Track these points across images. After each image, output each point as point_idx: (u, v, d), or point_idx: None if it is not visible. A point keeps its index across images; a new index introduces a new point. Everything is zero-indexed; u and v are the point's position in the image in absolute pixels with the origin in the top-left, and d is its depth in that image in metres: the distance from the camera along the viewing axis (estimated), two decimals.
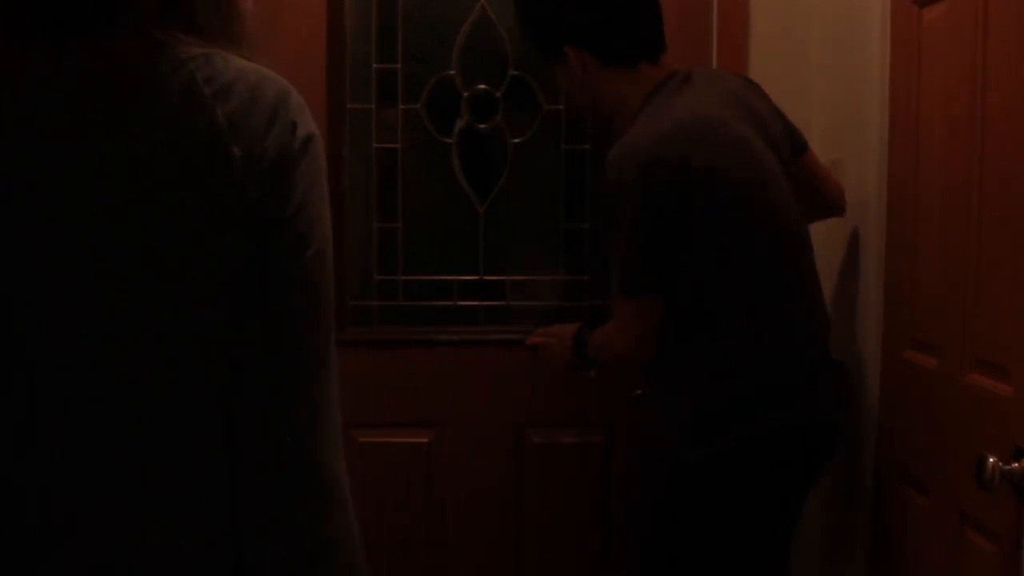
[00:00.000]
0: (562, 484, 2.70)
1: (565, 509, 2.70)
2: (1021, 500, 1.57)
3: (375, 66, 2.67)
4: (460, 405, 2.68)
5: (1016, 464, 1.57)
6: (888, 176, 2.17)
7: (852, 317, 2.34)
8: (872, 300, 2.24)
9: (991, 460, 1.57)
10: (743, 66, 2.52)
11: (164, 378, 0.92)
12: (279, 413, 0.93)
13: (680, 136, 1.97)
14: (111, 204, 0.90)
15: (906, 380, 2.07)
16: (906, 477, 2.05)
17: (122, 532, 0.92)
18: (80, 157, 0.90)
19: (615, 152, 2.00)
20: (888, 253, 2.18)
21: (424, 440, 2.69)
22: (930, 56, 1.95)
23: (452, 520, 2.70)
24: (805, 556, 2.27)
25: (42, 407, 0.91)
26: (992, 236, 1.70)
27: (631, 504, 2.67)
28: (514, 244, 2.76)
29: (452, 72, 2.67)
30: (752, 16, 2.57)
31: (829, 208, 2.29)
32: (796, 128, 2.22)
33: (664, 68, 2.10)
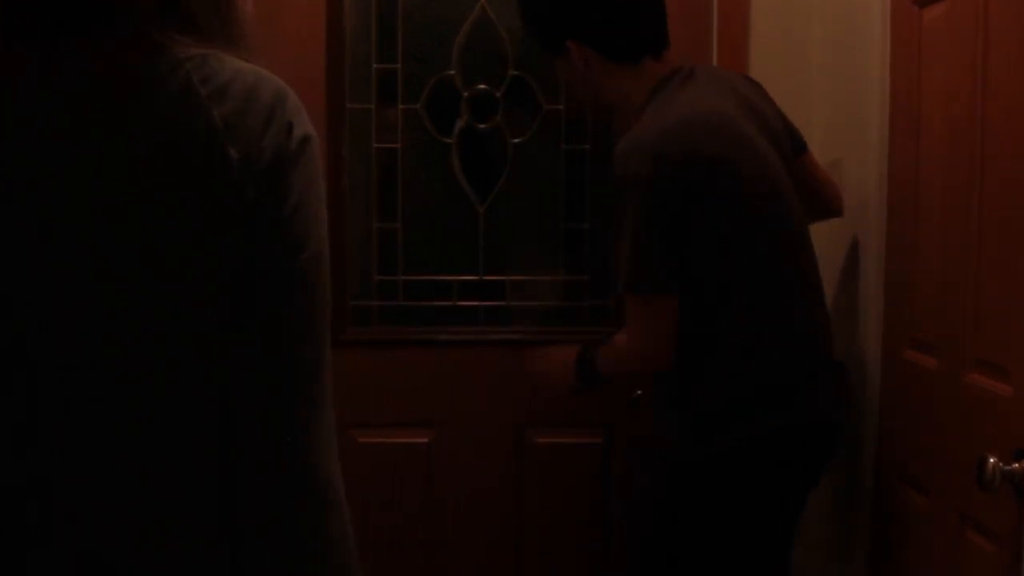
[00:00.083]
0: (562, 484, 2.70)
1: (565, 509, 2.70)
2: (1021, 500, 1.57)
3: (375, 66, 2.66)
4: (460, 405, 2.68)
5: (1016, 464, 1.57)
6: (888, 176, 2.17)
7: (852, 317, 2.34)
8: (872, 300, 2.24)
9: (991, 460, 1.57)
10: (743, 66, 2.52)
11: (164, 378, 0.92)
12: (279, 413, 0.93)
13: (686, 130, 1.96)
14: (111, 204, 0.90)
15: (906, 380, 2.07)
16: (906, 477, 2.05)
17: (122, 531, 0.92)
18: (80, 157, 0.90)
19: (621, 147, 1.99)
20: (888, 253, 2.18)
21: (424, 440, 2.69)
22: (930, 56, 1.95)
23: (452, 520, 2.70)
24: (805, 556, 2.27)
25: (42, 407, 0.91)
26: (992, 236, 1.70)
27: (631, 504, 2.67)
28: (514, 244, 2.76)
29: (452, 72, 2.67)
30: (752, 16, 2.57)
31: (828, 210, 2.29)
32: (796, 128, 2.22)
33: (667, 64, 2.10)
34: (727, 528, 2.00)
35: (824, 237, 2.31)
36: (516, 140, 2.69)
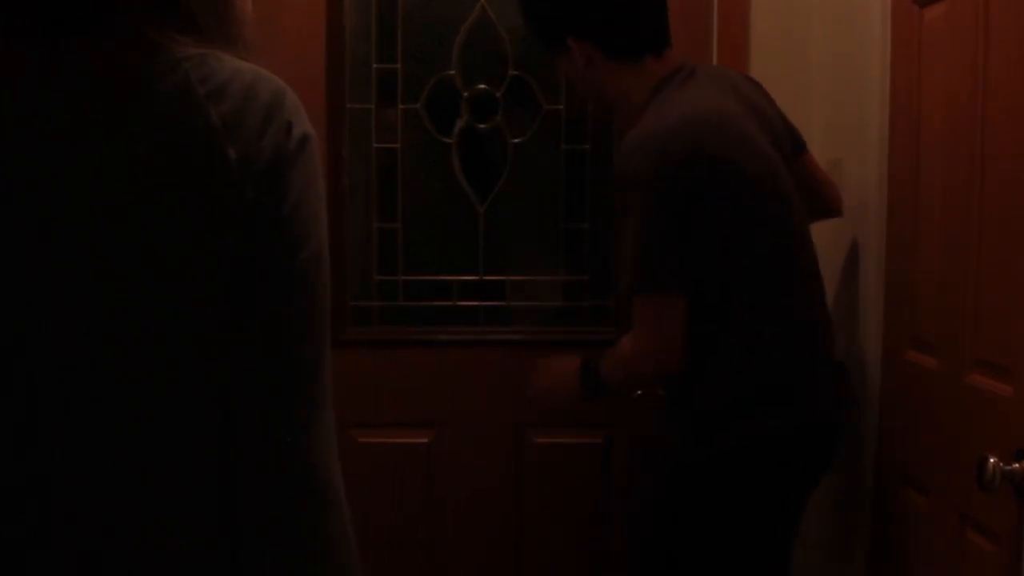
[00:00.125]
0: (562, 484, 2.70)
1: (565, 509, 2.70)
2: (1022, 501, 1.57)
3: (375, 66, 2.66)
4: (460, 405, 2.68)
5: (1017, 464, 1.57)
6: (888, 176, 2.16)
7: (852, 317, 2.34)
8: (872, 300, 2.24)
9: (992, 461, 1.57)
10: (743, 66, 2.52)
11: (164, 378, 0.92)
12: (279, 413, 0.93)
13: (690, 128, 1.95)
14: (111, 204, 0.90)
15: (906, 380, 2.07)
16: (906, 477, 2.05)
17: (121, 531, 0.92)
18: (80, 157, 0.90)
19: (625, 145, 1.99)
20: (888, 253, 2.17)
21: (424, 440, 2.69)
22: (930, 56, 1.95)
23: (452, 520, 2.70)
24: (805, 556, 2.27)
25: (42, 407, 0.91)
26: (992, 236, 1.70)
27: (631, 504, 2.67)
28: (514, 244, 2.76)
29: (452, 72, 2.67)
30: (752, 16, 2.57)
31: (827, 210, 2.29)
32: (795, 128, 2.22)
33: (669, 63, 2.09)
34: (727, 528, 2.00)
35: (824, 237, 2.30)
36: (516, 140, 2.69)
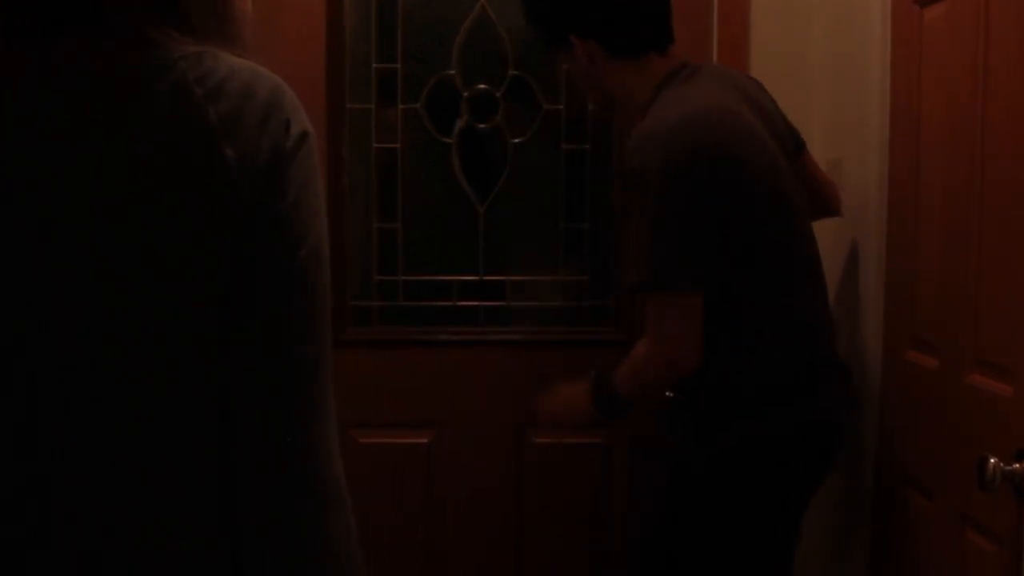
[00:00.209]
0: (562, 484, 2.70)
1: (565, 509, 2.70)
2: (1022, 501, 1.57)
3: (375, 66, 2.66)
4: (460, 405, 2.68)
5: (1017, 465, 1.57)
6: (888, 176, 2.16)
7: (852, 317, 2.34)
8: (872, 300, 2.24)
9: (992, 461, 1.57)
10: (743, 66, 2.52)
11: (164, 378, 0.92)
12: (279, 413, 0.93)
13: (695, 124, 1.93)
14: (111, 204, 0.90)
15: (907, 380, 2.07)
16: (907, 477, 2.05)
17: (121, 531, 0.92)
18: (80, 157, 0.90)
19: (634, 140, 1.96)
20: (888, 253, 2.17)
21: (424, 440, 2.69)
22: (931, 56, 1.95)
23: (452, 520, 2.70)
24: (805, 556, 2.27)
25: (42, 407, 0.91)
26: (992, 236, 1.70)
27: (631, 504, 2.67)
28: (514, 244, 2.76)
29: (452, 72, 2.67)
30: (752, 16, 2.57)
31: (827, 209, 2.29)
32: (795, 128, 2.22)
33: (673, 60, 2.08)
34: (728, 528, 2.00)
35: (824, 237, 2.30)
36: (516, 140, 2.69)
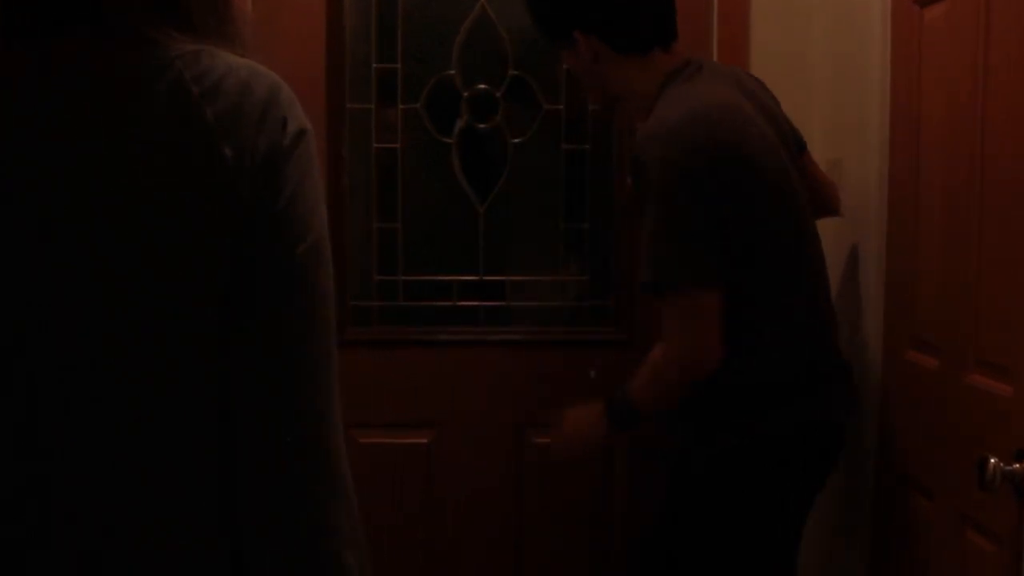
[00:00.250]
0: (562, 484, 2.70)
1: (565, 509, 2.70)
2: (1022, 501, 1.57)
3: (375, 66, 2.66)
4: (460, 405, 2.68)
5: (1017, 465, 1.56)
6: (888, 176, 2.16)
7: (852, 317, 2.34)
8: (872, 300, 2.24)
9: (992, 461, 1.57)
10: (743, 66, 2.51)
11: (164, 378, 0.92)
12: (279, 413, 0.93)
13: (704, 119, 1.92)
14: (111, 204, 0.90)
15: (907, 380, 2.07)
16: (907, 477, 2.05)
17: (122, 531, 0.92)
18: (80, 157, 0.90)
19: (640, 139, 1.95)
20: (888, 253, 2.17)
21: (424, 440, 2.69)
22: (931, 56, 1.95)
23: (452, 520, 2.70)
24: (805, 556, 2.27)
25: (42, 407, 0.91)
26: (992, 236, 1.70)
27: (631, 504, 2.67)
28: (514, 244, 2.76)
29: (452, 72, 2.67)
30: (752, 16, 2.57)
31: (826, 209, 2.28)
32: (796, 128, 2.21)
33: (677, 56, 2.07)
34: (727, 528, 2.00)
35: (824, 237, 2.29)
36: (516, 140, 2.69)
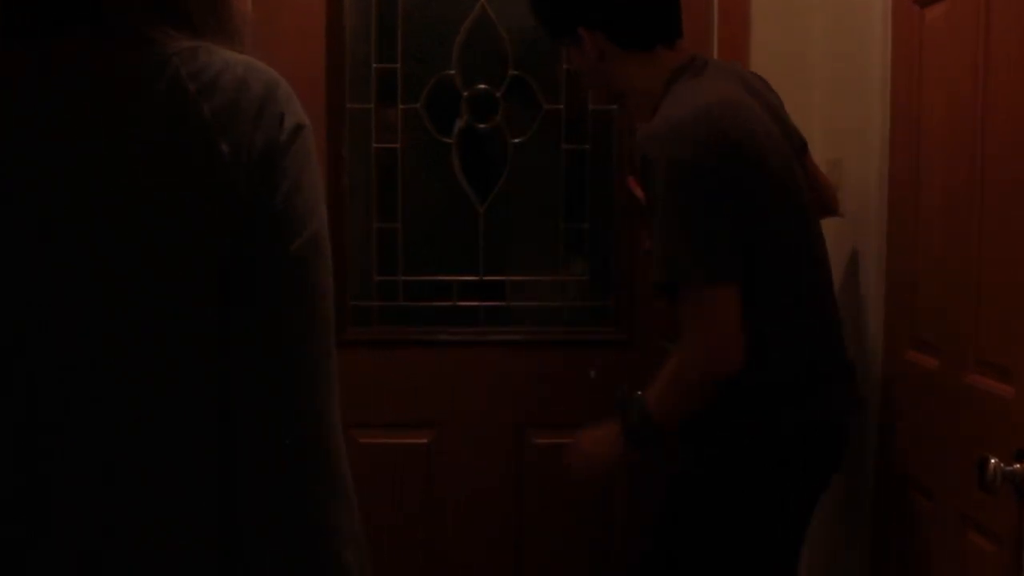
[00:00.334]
0: (562, 484, 2.69)
1: (565, 509, 2.70)
2: (1022, 501, 1.57)
3: (375, 66, 2.66)
4: (460, 405, 2.68)
5: (1018, 465, 1.56)
6: (888, 176, 2.16)
7: (853, 317, 2.33)
8: (872, 300, 2.24)
9: (993, 461, 1.57)
10: (743, 65, 2.51)
11: (164, 378, 0.92)
12: (279, 413, 0.93)
13: (713, 115, 1.91)
14: (111, 204, 0.89)
15: (907, 380, 2.07)
16: (907, 478, 2.04)
17: (122, 531, 0.92)
18: (80, 157, 0.90)
19: (648, 136, 1.94)
20: (888, 253, 2.17)
21: (424, 440, 2.69)
22: (931, 56, 1.95)
23: (452, 520, 2.70)
24: (805, 556, 2.27)
25: (42, 407, 0.91)
26: (992, 236, 1.70)
27: (631, 504, 2.67)
28: (514, 244, 2.76)
29: (452, 72, 2.67)
30: (752, 16, 2.57)
31: (827, 209, 2.28)
32: (797, 128, 2.21)
33: (682, 53, 2.06)
34: (728, 528, 2.00)
35: (825, 237, 2.30)
36: (516, 140, 2.69)
